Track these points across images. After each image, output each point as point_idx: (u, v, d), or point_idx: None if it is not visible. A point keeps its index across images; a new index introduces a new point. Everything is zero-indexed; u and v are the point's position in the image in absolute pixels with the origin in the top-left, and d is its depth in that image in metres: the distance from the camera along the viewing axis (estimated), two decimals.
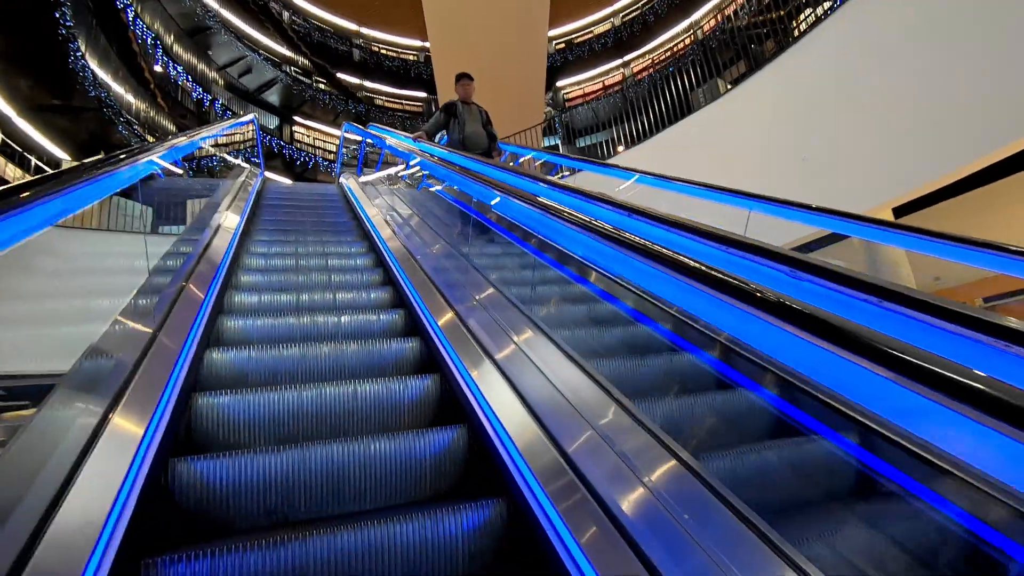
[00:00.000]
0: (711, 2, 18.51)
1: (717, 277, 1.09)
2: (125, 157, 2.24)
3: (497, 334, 1.96)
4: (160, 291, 2.26)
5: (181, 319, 2.01)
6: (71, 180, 1.47)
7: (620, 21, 21.23)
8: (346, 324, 2.43)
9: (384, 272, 3.31)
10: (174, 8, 13.74)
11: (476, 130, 4.56)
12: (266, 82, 17.12)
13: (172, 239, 3.42)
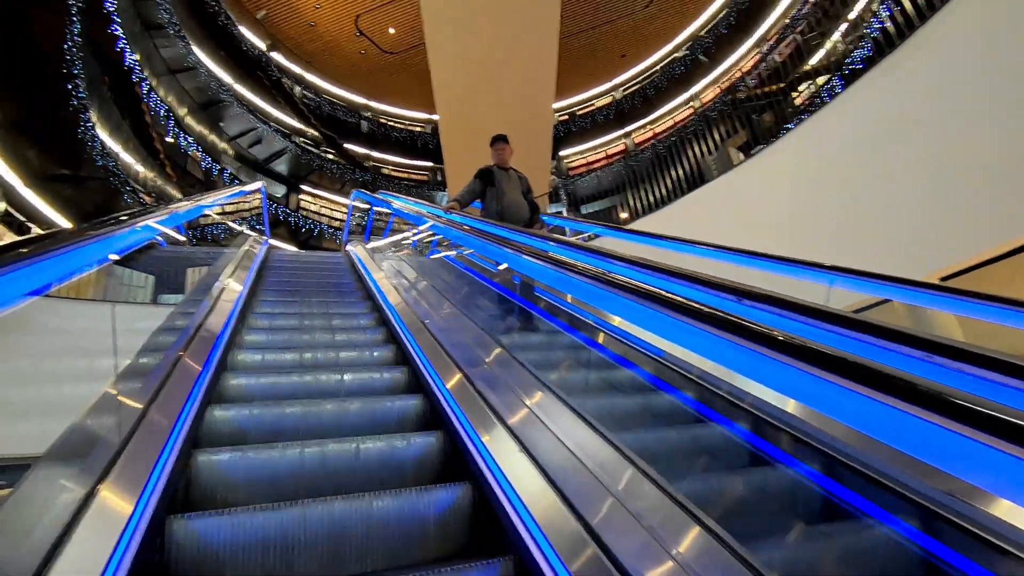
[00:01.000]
0: (710, 76, 19.57)
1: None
2: (126, 219, 2.29)
3: (506, 393, 1.97)
4: (163, 351, 2.30)
5: (184, 377, 2.04)
6: (56, 244, 1.37)
7: (621, 95, 22.40)
8: (349, 382, 2.45)
9: (387, 331, 3.36)
10: (190, 83, 14.63)
11: (515, 199, 4.18)
12: (275, 152, 17.91)
13: (172, 308, 3.48)
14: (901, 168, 4.96)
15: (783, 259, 2.68)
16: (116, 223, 2.05)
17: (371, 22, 19.41)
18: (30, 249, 1.31)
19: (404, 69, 21.49)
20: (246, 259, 5.28)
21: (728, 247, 3.12)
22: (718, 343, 1.21)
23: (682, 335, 1.38)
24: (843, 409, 0.97)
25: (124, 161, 11.68)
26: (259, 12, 18.35)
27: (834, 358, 0.97)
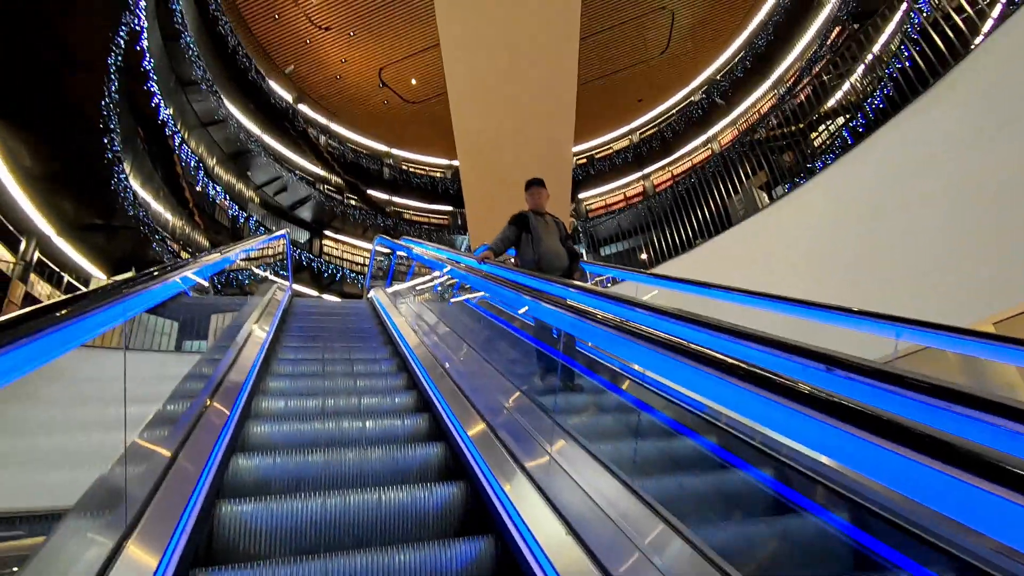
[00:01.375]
0: (728, 118, 19.86)
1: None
2: (157, 274, 2.33)
3: (528, 442, 1.96)
4: (190, 399, 2.35)
5: (209, 426, 2.08)
6: (97, 303, 1.41)
7: (638, 137, 22.80)
8: (371, 429, 2.46)
9: (408, 377, 3.38)
10: (220, 135, 15.32)
11: (553, 246, 3.89)
12: (300, 199, 18.49)
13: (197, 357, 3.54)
14: (941, 209, 4.74)
15: (842, 309, 2.44)
16: (149, 279, 2.11)
17: (394, 74, 20.28)
18: (69, 310, 1.35)
19: (425, 117, 22.25)
20: (270, 307, 5.40)
21: (780, 296, 2.84)
22: (826, 432, 0.96)
23: (771, 416, 1.10)
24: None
25: (155, 210, 12.16)
26: (287, 67, 19.33)
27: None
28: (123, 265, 12.51)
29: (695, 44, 20.33)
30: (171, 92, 13.02)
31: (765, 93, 18.92)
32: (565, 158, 14.80)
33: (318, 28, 18.26)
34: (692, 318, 1.72)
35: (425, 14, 18.12)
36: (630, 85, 21.81)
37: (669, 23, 19.53)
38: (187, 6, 13.61)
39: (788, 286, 3.22)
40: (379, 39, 18.89)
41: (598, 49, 19.66)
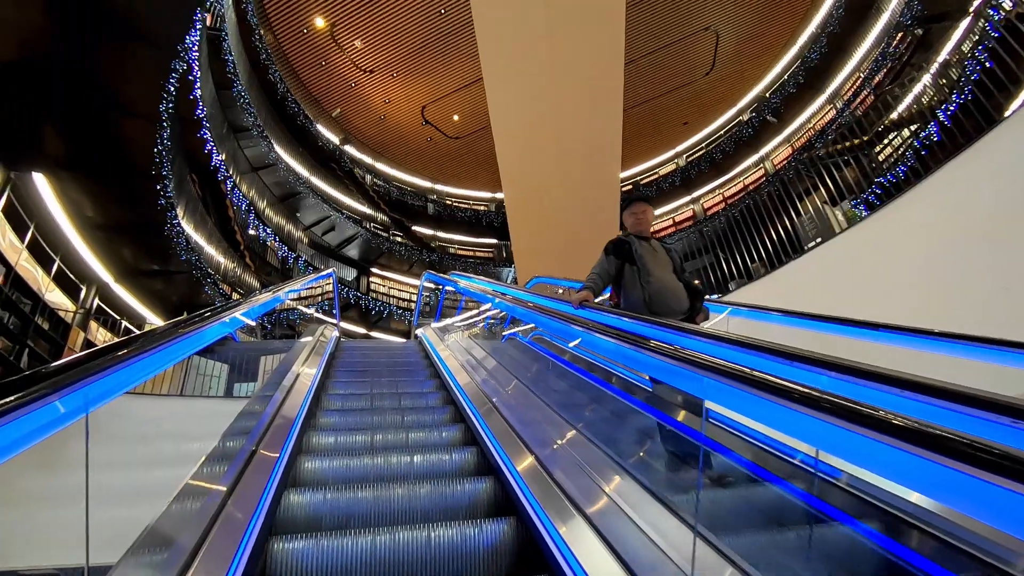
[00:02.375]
0: (781, 136, 19.48)
1: None
2: (209, 315, 2.34)
3: (584, 479, 1.92)
4: (242, 437, 2.43)
5: (261, 466, 2.13)
6: (148, 345, 1.47)
7: (685, 161, 22.63)
8: (419, 464, 2.47)
9: (455, 410, 3.38)
10: (270, 178, 16.16)
11: (668, 281, 3.11)
12: (347, 238, 19.17)
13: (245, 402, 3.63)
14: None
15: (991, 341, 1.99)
16: (201, 320, 2.19)
17: (436, 111, 21.00)
18: (129, 350, 1.43)
19: (467, 152, 22.84)
20: (318, 347, 5.56)
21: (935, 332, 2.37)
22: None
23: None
24: None
25: (208, 253, 12.83)
26: (334, 111, 20.34)
27: None
28: (177, 309, 13.22)
29: (741, 62, 20.21)
30: (223, 138, 13.88)
31: (821, 107, 18.51)
32: (612, 186, 14.81)
33: (362, 71, 19.21)
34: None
35: (466, 51, 18.81)
36: (674, 108, 21.79)
37: (713, 43, 19.53)
38: (239, 57, 14.60)
39: (896, 314, 2.77)
40: (421, 78, 19.66)
41: (640, 75, 19.81)
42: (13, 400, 0.93)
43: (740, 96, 21.15)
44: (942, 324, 2.40)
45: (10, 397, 0.93)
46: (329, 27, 17.67)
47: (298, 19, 17.27)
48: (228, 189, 13.73)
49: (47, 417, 1.02)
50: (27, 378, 1.00)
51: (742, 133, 20.03)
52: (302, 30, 17.64)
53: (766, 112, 19.19)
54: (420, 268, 20.54)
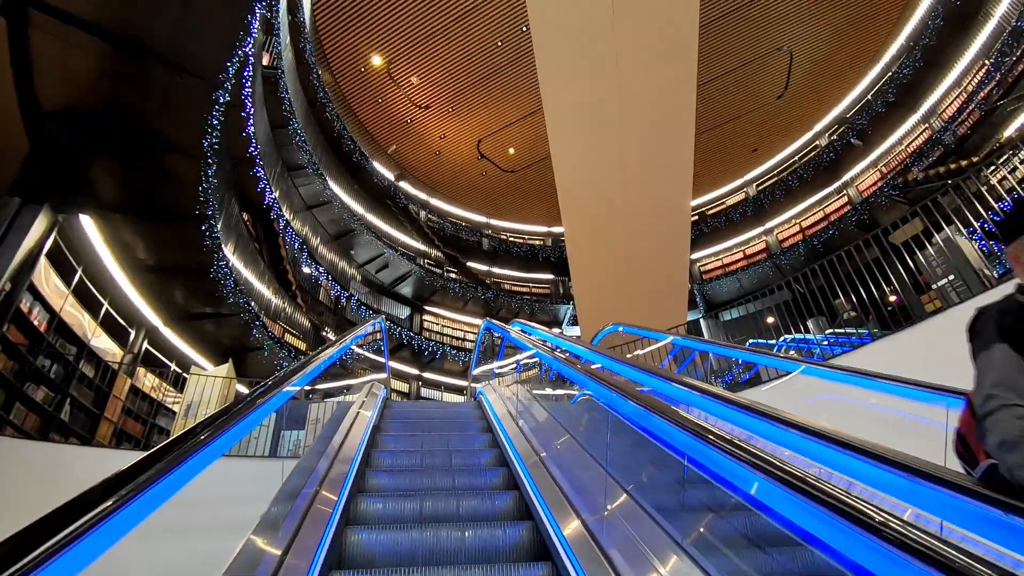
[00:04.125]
0: (867, 159, 17.27)
1: None
2: (272, 385, 2.15)
3: None
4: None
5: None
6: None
7: (755, 190, 20.58)
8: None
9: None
10: (324, 216, 15.26)
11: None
12: (401, 275, 18.07)
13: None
14: None
15: None
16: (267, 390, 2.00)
17: (492, 145, 19.92)
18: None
19: (522, 186, 21.61)
20: (356, 427, 4.07)
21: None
22: None
23: None
24: None
25: (258, 292, 11.84)
26: (390, 147, 19.57)
27: None
28: (228, 352, 12.23)
29: (817, 83, 18.23)
30: (278, 177, 13.06)
31: (914, 127, 16.24)
32: (682, 217, 13.00)
33: (418, 107, 18.38)
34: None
35: (523, 82, 17.70)
36: (743, 134, 19.92)
37: (786, 64, 17.69)
38: (295, 96, 13.90)
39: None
40: (477, 111, 18.67)
41: (706, 100, 18.12)
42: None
43: (817, 119, 19.09)
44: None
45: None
46: (386, 64, 16.96)
47: (355, 57, 16.63)
48: (281, 227, 12.81)
49: None
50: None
51: (821, 158, 17.89)
52: (359, 68, 16.99)
53: (850, 134, 17.03)
54: (475, 305, 19.19)
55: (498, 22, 15.98)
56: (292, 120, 13.08)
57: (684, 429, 1.62)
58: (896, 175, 15.71)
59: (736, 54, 17.31)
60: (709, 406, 2.29)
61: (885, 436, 1.90)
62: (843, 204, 17.60)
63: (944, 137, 14.75)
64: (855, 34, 16.67)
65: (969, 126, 14.26)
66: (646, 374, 2.89)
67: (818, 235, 16.96)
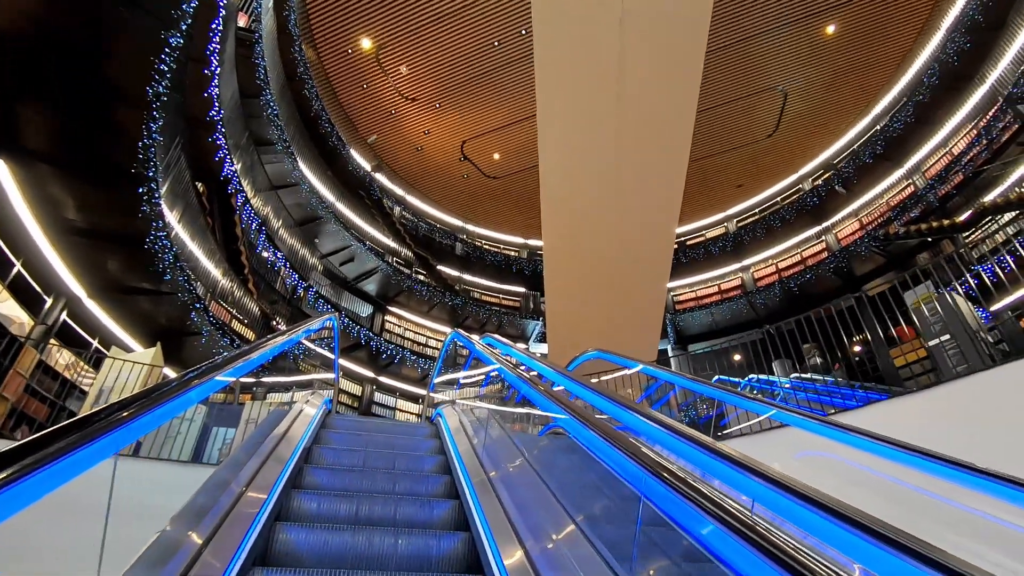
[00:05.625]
0: (848, 208, 17.08)
1: None
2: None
3: None
4: None
5: None
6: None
7: (736, 226, 20.24)
8: None
9: None
10: (290, 198, 14.07)
11: None
12: (367, 271, 16.92)
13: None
14: None
15: None
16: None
17: (477, 147, 19.04)
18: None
19: (504, 193, 20.77)
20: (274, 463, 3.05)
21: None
22: None
23: None
24: None
25: (204, 270, 10.57)
26: (370, 136, 18.46)
27: None
28: (163, 333, 10.90)
29: (808, 126, 18.04)
30: (242, 149, 11.85)
31: (898, 181, 16.11)
32: (666, 246, 12.34)
33: (404, 99, 17.38)
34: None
35: (516, 88, 16.92)
36: (729, 168, 19.59)
37: (780, 104, 17.43)
38: (272, 65, 12.75)
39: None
40: (465, 111, 17.78)
41: (697, 129, 17.66)
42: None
43: (804, 162, 18.90)
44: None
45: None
46: (375, 49, 15.93)
47: (343, 37, 15.55)
48: (239, 204, 11.58)
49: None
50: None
51: (804, 201, 17.63)
52: (346, 49, 15.91)
53: (835, 181, 16.81)
54: (441, 311, 18.14)
55: (498, 22, 15.19)
56: (266, 91, 11.91)
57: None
58: (877, 227, 15.49)
59: (732, 88, 16.96)
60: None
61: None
62: (821, 249, 17.36)
63: (927, 195, 14.60)
64: (851, 82, 16.52)
65: (953, 186, 14.13)
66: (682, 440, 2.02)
67: (794, 277, 16.62)
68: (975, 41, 13.49)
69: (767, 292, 17.07)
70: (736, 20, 15.19)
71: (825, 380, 12.39)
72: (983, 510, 3.50)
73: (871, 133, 16.59)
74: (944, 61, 14.01)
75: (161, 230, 8.05)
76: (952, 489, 3.13)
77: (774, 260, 18.62)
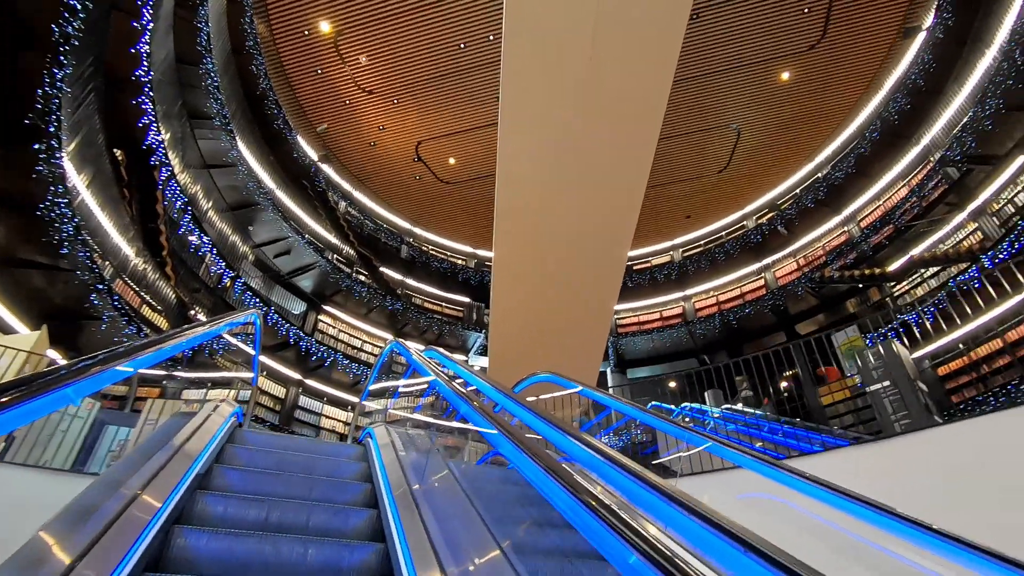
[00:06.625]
0: (788, 248, 17.59)
1: None
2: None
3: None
4: None
5: None
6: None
7: (681, 256, 20.50)
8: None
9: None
10: (224, 180, 12.88)
11: None
12: (304, 266, 15.78)
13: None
14: None
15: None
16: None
17: (432, 150, 18.36)
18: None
19: (457, 200, 20.15)
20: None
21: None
22: None
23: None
24: None
25: (113, 247, 9.32)
26: (321, 125, 17.40)
27: None
28: (58, 315, 9.51)
29: (757, 166, 18.55)
30: (173, 118, 10.68)
31: (835, 228, 16.74)
32: (617, 269, 12.09)
33: (361, 90, 16.50)
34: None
35: (478, 93, 16.43)
36: (680, 199, 19.86)
37: (733, 141, 17.83)
38: (217, 33, 11.65)
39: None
40: (424, 111, 17.09)
41: (653, 158, 17.81)
42: None
43: (750, 200, 19.41)
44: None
45: None
46: (335, 34, 15.02)
47: (301, 16, 14.57)
48: (163, 178, 10.37)
49: None
50: None
51: (748, 238, 18.03)
52: (303, 30, 14.92)
53: (778, 221, 17.29)
54: (380, 315, 17.20)
55: (466, 23, 14.68)
56: (207, 59, 10.81)
57: None
58: (813, 269, 15.99)
59: (688, 121, 17.19)
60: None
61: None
62: (760, 286, 17.76)
63: (861, 243, 15.19)
64: (801, 128, 17.12)
65: (885, 236, 14.76)
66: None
67: (733, 311, 16.90)
68: (914, 103, 14.22)
69: (707, 323, 17.26)
70: (698, 56, 15.40)
71: (754, 413, 12.47)
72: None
73: (814, 179, 17.22)
74: (885, 118, 14.70)
75: (61, 196, 6.91)
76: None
77: (715, 292, 18.91)
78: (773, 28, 14.79)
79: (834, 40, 14.95)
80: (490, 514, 2.50)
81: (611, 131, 8.50)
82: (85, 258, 7.87)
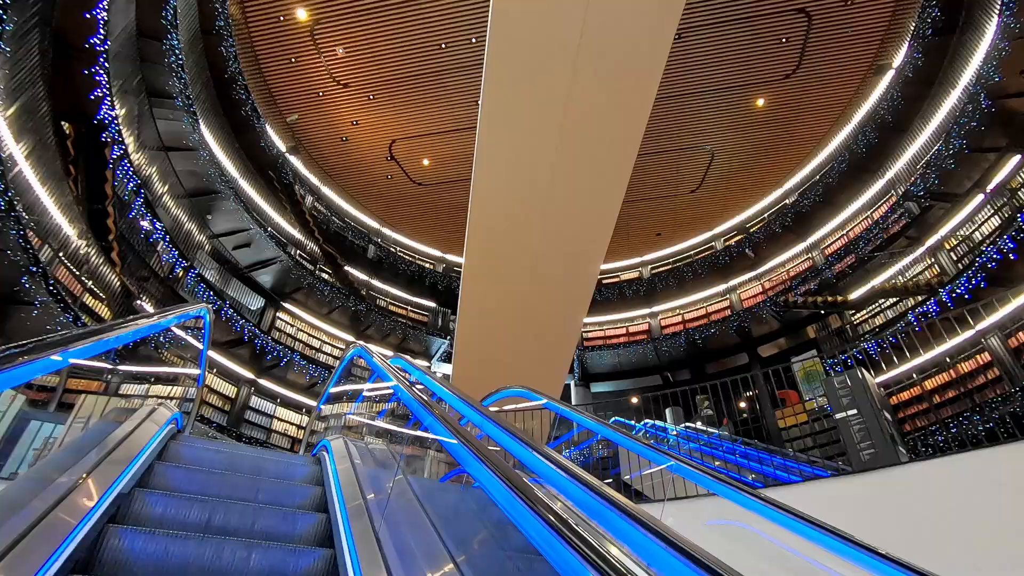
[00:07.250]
0: (754, 271, 17.82)
1: None
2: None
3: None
4: None
5: None
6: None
7: (650, 273, 20.56)
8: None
9: None
10: (183, 164, 12.14)
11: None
12: (264, 260, 15.05)
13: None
14: None
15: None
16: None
17: (406, 149, 17.90)
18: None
19: (429, 202, 19.70)
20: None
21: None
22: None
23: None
24: None
25: (53, 226, 8.56)
26: (291, 115, 16.74)
27: None
28: None
29: (728, 189, 18.80)
30: (131, 94, 9.97)
31: (799, 254, 17.04)
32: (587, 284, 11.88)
33: (336, 82, 15.95)
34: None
35: (456, 95, 16.11)
36: (652, 216, 19.93)
37: (707, 163, 18.01)
38: (185, 9, 10.99)
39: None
40: (400, 109, 16.65)
41: None
42: None
43: (720, 221, 19.63)
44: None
45: None
46: (311, 22, 14.48)
47: (277, 1, 13.98)
48: (114, 156, 9.64)
49: None
50: None
51: (715, 259, 18.21)
52: (278, 15, 14.32)
53: (746, 244, 17.51)
54: (342, 316, 16.56)
55: (449, 23, 14.37)
56: (172, 34, 10.16)
57: None
58: (777, 293, 16.20)
59: (664, 139, 17.28)
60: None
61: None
62: (725, 307, 17.91)
63: (824, 270, 15.48)
64: (772, 154, 17.42)
65: (847, 265, 15.08)
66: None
67: (698, 330, 16.96)
68: (881, 138, 14.63)
69: (672, 341, 17.28)
70: (676, 76, 15.49)
71: (713, 433, 12.45)
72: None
73: (782, 205, 17.52)
74: (853, 151, 15.07)
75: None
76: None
77: (681, 311, 18.99)
78: (751, 55, 15.01)
79: (809, 71, 15.28)
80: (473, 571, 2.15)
81: (589, 153, 8.30)
82: (17, 236, 7.15)
